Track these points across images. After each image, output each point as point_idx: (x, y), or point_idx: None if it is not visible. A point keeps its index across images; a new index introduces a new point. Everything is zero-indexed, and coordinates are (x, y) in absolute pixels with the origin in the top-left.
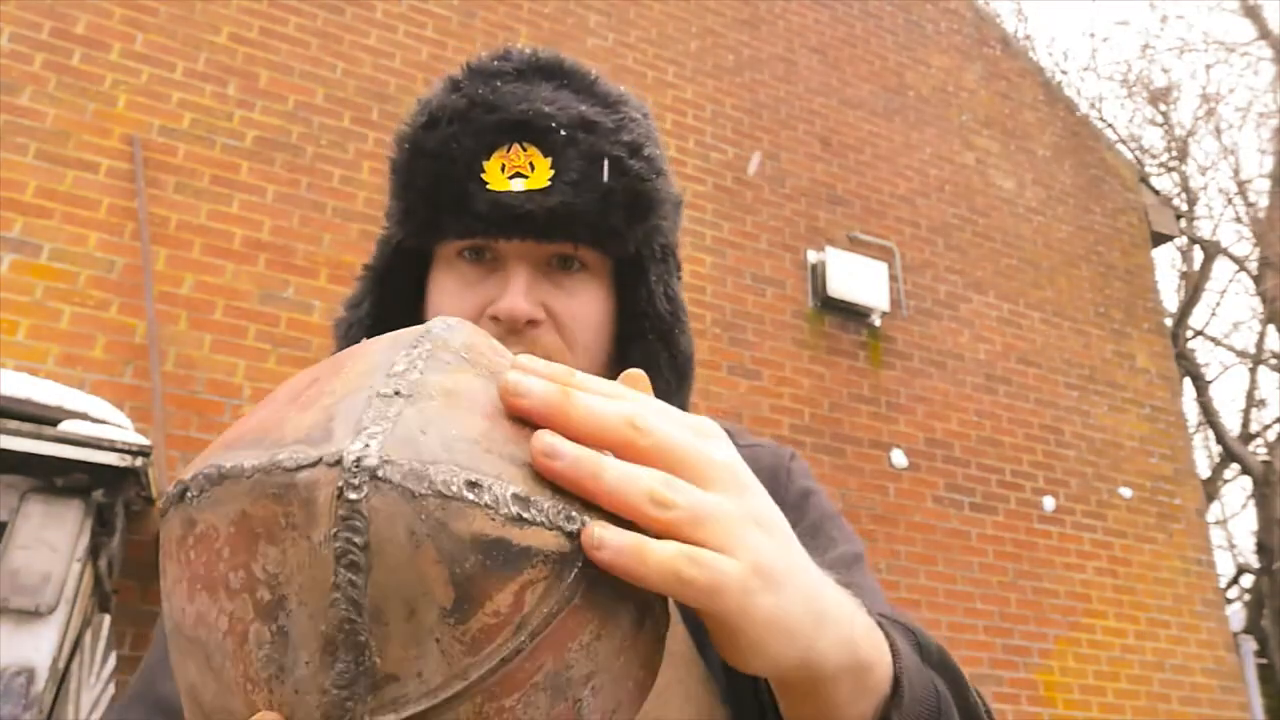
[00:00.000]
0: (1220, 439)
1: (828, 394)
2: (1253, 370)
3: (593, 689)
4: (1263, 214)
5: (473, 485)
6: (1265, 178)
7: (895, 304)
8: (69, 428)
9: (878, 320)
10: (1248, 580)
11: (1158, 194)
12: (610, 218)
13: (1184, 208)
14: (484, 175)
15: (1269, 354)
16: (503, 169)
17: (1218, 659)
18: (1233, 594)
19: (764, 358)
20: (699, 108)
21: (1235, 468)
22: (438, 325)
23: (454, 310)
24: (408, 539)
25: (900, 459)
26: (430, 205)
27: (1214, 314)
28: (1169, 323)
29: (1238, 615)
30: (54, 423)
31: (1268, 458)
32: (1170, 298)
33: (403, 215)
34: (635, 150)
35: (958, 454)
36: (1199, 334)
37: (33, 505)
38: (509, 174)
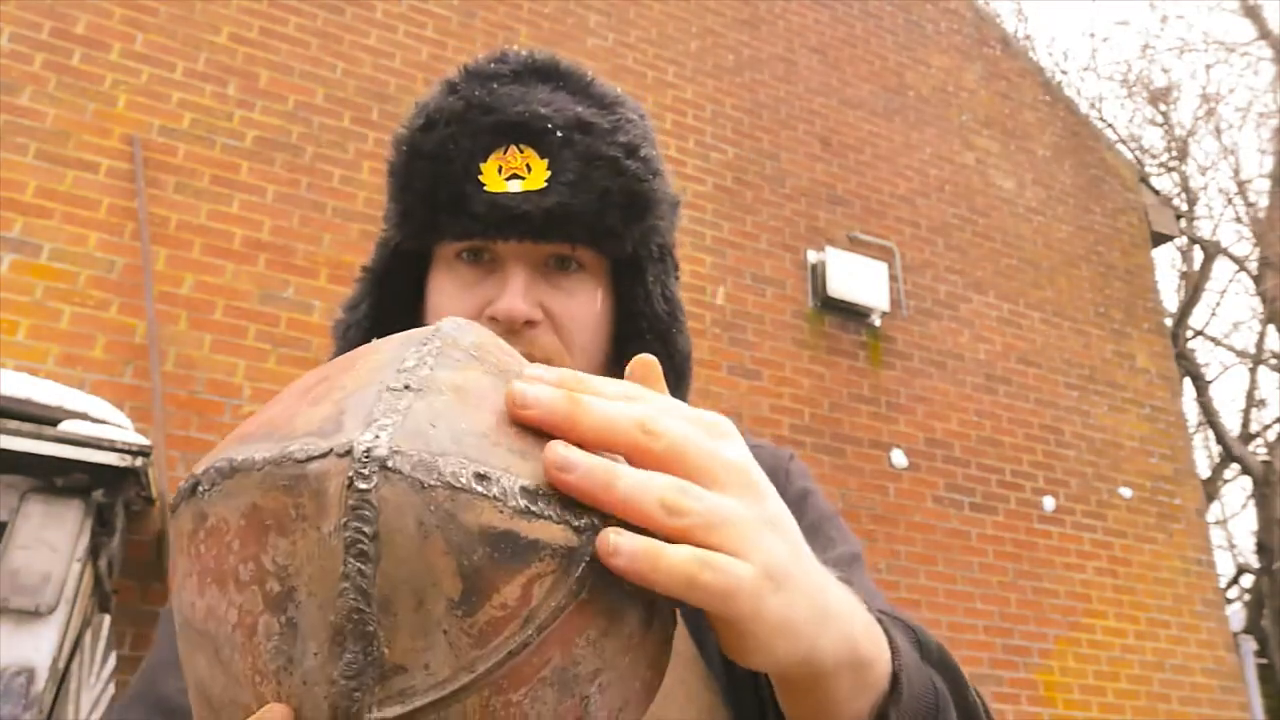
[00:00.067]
0: (1220, 439)
1: (828, 394)
2: (1253, 370)
3: (600, 686)
4: (1263, 214)
5: (481, 477)
6: (1265, 178)
7: (895, 304)
8: (69, 428)
9: (878, 320)
10: (1248, 580)
11: (1158, 194)
12: (607, 218)
13: (1184, 208)
14: (481, 177)
15: (1269, 354)
16: (500, 170)
17: (1218, 659)
18: (1233, 594)
19: (764, 358)
20: (699, 108)
21: (1235, 468)
22: (448, 324)
23: (452, 311)
24: (416, 529)
25: (900, 459)
26: (428, 207)
27: (1214, 314)
28: (1169, 323)
29: (1238, 615)
30: (54, 423)
31: (1268, 458)
32: (1170, 298)
33: (401, 217)
34: (632, 151)
35: (958, 454)
36: (1199, 334)
37: (33, 505)
38: (506, 175)
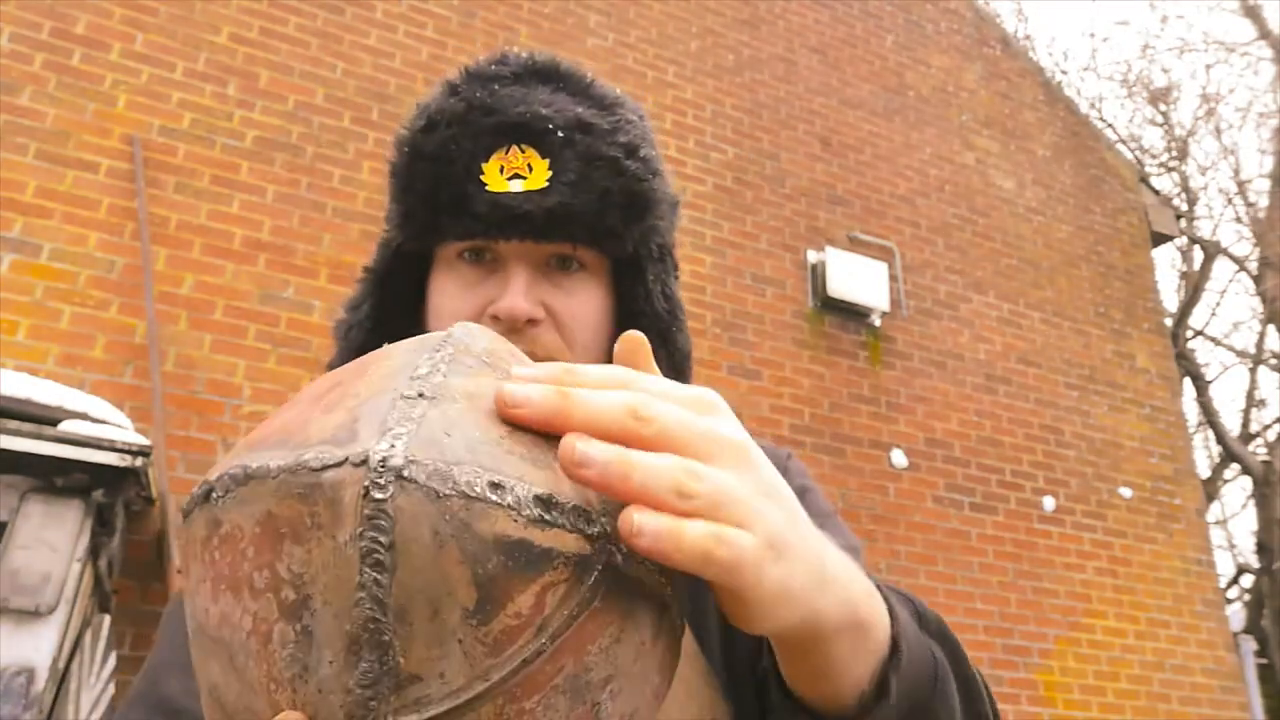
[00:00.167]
0: (1220, 439)
1: (828, 394)
2: (1253, 370)
3: (611, 692)
4: (1263, 214)
5: (496, 486)
6: (1265, 178)
7: (895, 304)
8: (69, 428)
9: (878, 320)
10: (1248, 580)
11: (1158, 194)
12: (608, 218)
13: (1184, 208)
14: (483, 177)
15: (1269, 354)
16: (501, 170)
17: (1218, 659)
18: (1233, 594)
19: (764, 358)
20: (699, 108)
21: (1235, 468)
22: (459, 330)
23: (454, 311)
24: (432, 539)
25: (900, 459)
26: (430, 208)
27: (1214, 314)
28: (1169, 323)
29: (1238, 615)
30: (54, 423)
31: (1268, 458)
32: (1170, 298)
33: (402, 218)
34: (631, 151)
35: (958, 454)
36: (1199, 334)
37: (33, 505)
38: (507, 175)
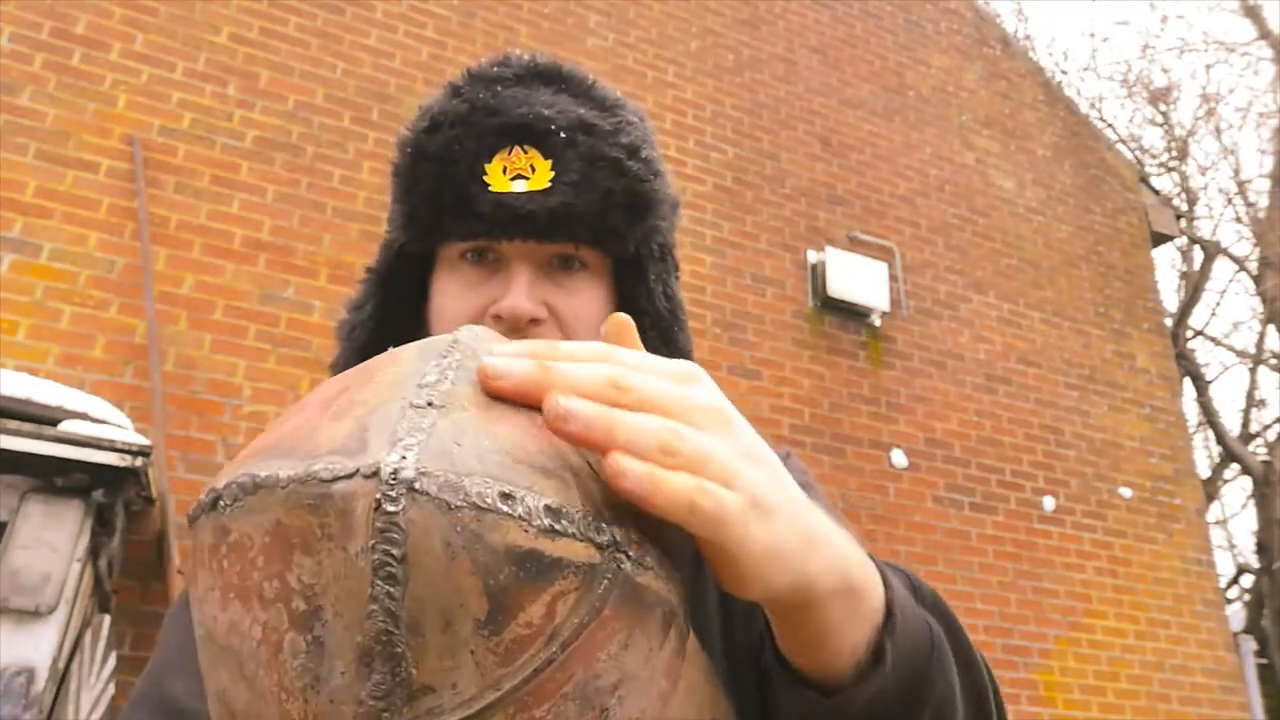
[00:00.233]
0: (1220, 439)
1: (828, 394)
2: (1253, 370)
3: (619, 698)
4: (1263, 214)
5: (506, 497)
6: (1265, 178)
7: (895, 304)
8: (69, 428)
9: (878, 320)
10: (1248, 580)
11: (1158, 194)
12: (610, 218)
13: (1184, 208)
14: (486, 177)
15: (1269, 354)
16: (504, 171)
17: (1218, 659)
18: (1233, 594)
19: (764, 358)
20: (699, 108)
21: (1235, 468)
22: (465, 335)
23: (457, 311)
24: (444, 551)
25: (900, 459)
26: (433, 208)
27: (1214, 314)
28: (1169, 323)
29: (1238, 615)
30: (54, 423)
31: (1268, 458)
32: (1170, 298)
33: (406, 218)
34: (633, 152)
35: (958, 454)
36: (1199, 334)
37: (33, 505)
38: (510, 176)
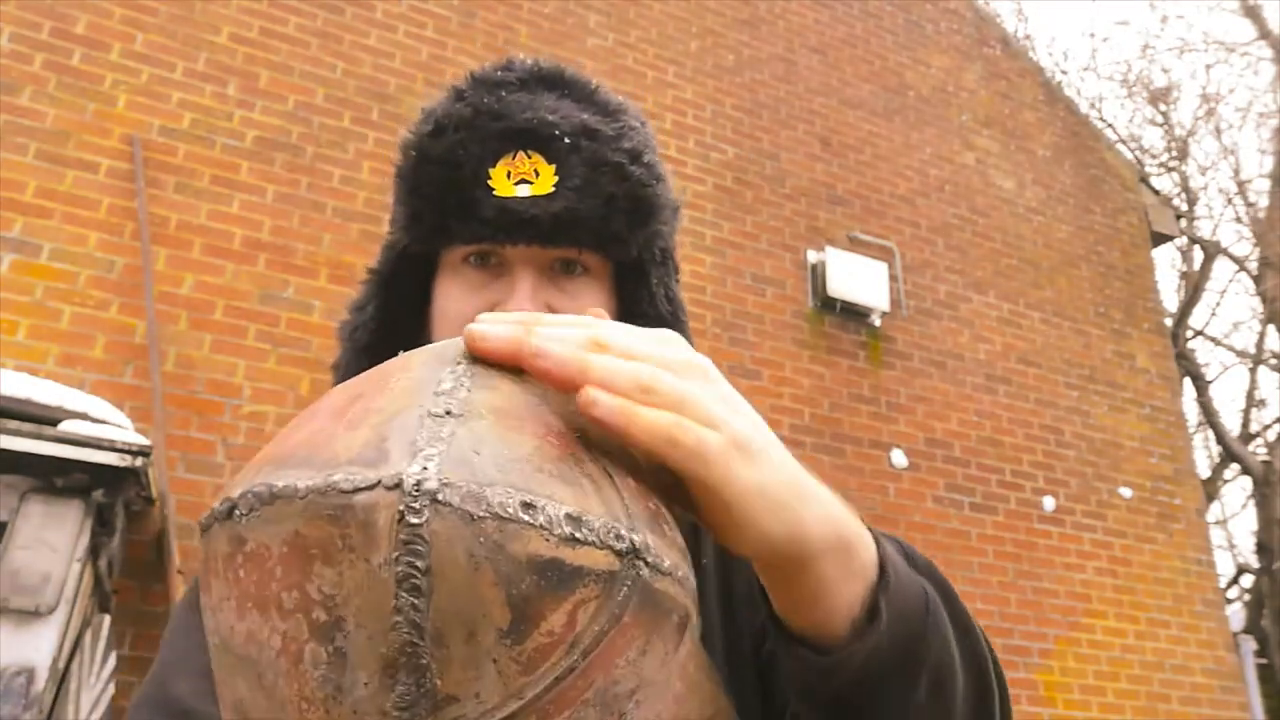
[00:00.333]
0: (1220, 439)
1: (828, 394)
2: (1253, 370)
3: (636, 702)
4: (1263, 214)
5: (528, 506)
6: (1265, 178)
7: (895, 304)
8: (69, 428)
9: (878, 320)
10: (1248, 580)
11: (1158, 194)
12: (613, 223)
13: (1184, 208)
14: (490, 182)
15: (1269, 354)
16: (508, 176)
17: (1218, 659)
18: (1233, 594)
19: (764, 358)
20: (699, 108)
21: (1235, 468)
22: None
23: (460, 313)
24: (467, 562)
25: (900, 459)
26: (437, 211)
27: (1214, 314)
28: (1169, 323)
29: (1238, 615)
30: (54, 423)
31: (1268, 458)
32: (1170, 298)
33: (409, 221)
34: (635, 157)
35: (958, 454)
36: (1199, 334)
37: (33, 505)
38: (514, 180)
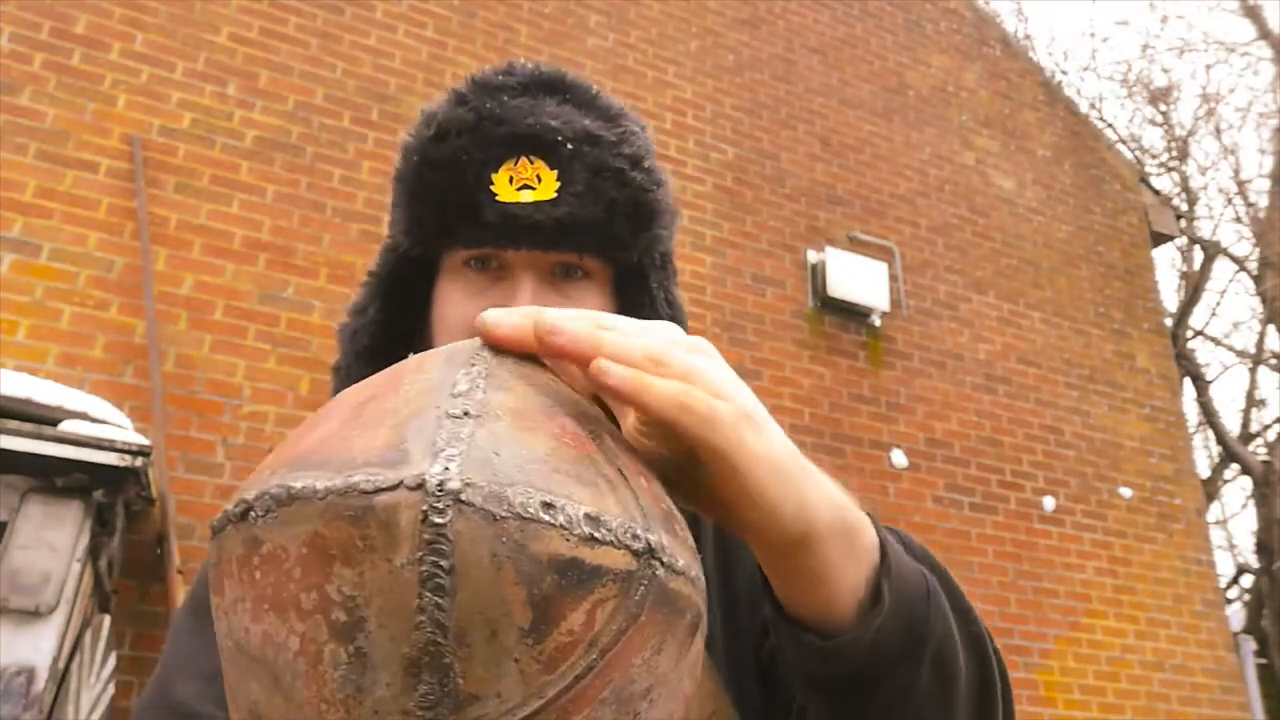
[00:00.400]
0: (1220, 439)
1: (828, 394)
2: (1253, 370)
3: (650, 702)
4: (1263, 214)
5: (548, 506)
6: (1265, 178)
7: (895, 304)
8: (69, 428)
9: (878, 320)
10: (1248, 580)
11: (1158, 194)
12: (614, 228)
13: (1184, 208)
14: (493, 187)
15: (1269, 354)
16: (511, 181)
17: (1218, 659)
18: (1233, 594)
19: (764, 358)
20: (699, 108)
21: (1235, 468)
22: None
23: (461, 317)
24: (490, 561)
25: (900, 459)
26: (440, 215)
27: (1214, 314)
28: (1169, 323)
29: (1238, 615)
30: (54, 423)
31: (1268, 458)
32: (1170, 298)
33: (410, 224)
34: (636, 163)
35: (958, 454)
36: (1199, 334)
37: (33, 505)
38: (518, 186)
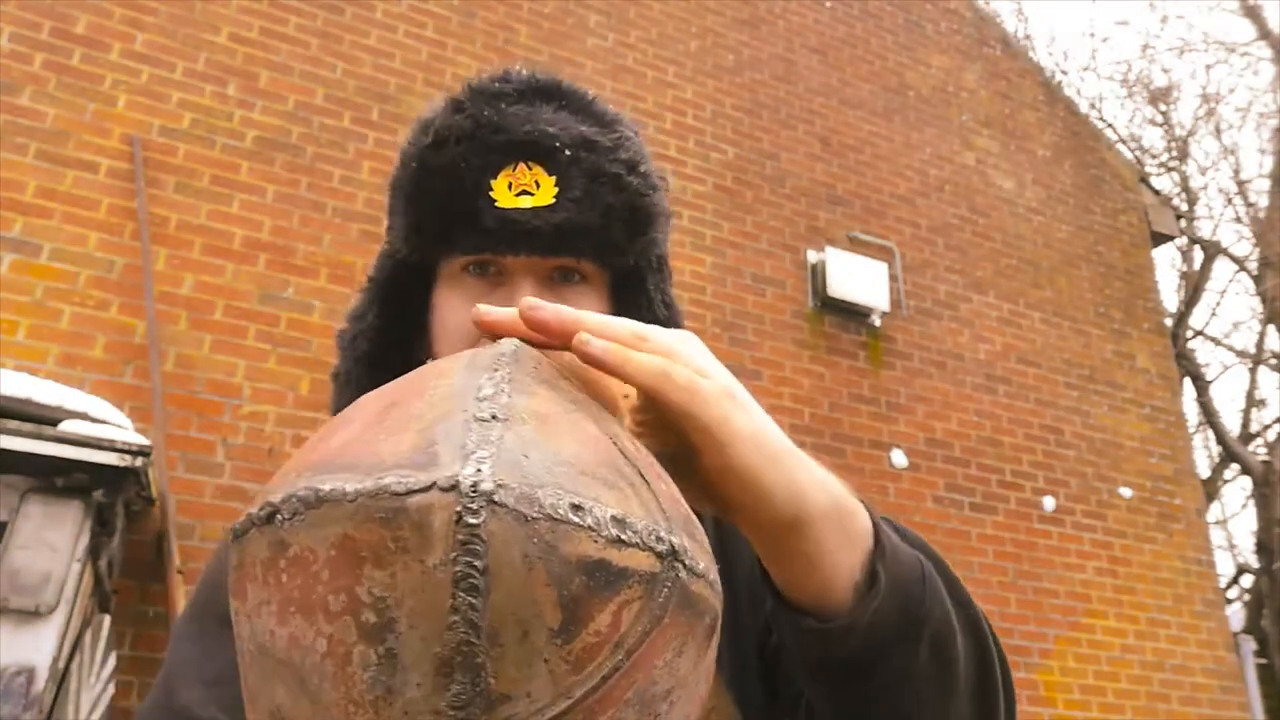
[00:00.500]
0: (1220, 439)
1: (828, 394)
2: (1253, 370)
3: (670, 703)
4: (1263, 214)
5: (577, 508)
6: (1265, 178)
7: (895, 304)
8: (69, 428)
9: (878, 320)
10: (1248, 580)
11: (1158, 194)
12: (612, 233)
13: (1184, 208)
14: (492, 193)
15: (1269, 354)
16: (509, 187)
17: (1218, 659)
18: (1233, 594)
19: (764, 358)
20: (699, 108)
21: (1235, 468)
22: (508, 347)
23: (461, 323)
24: (522, 562)
25: (900, 459)
26: (439, 222)
27: (1214, 314)
28: (1169, 323)
29: (1238, 615)
30: (54, 423)
31: (1268, 458)
32: (1170, 298)
33: (409, 230)
34: (632, 168)
35: (958, 454)
36: (1199, 334)
37: (33, 505)
38: (516, 192)
